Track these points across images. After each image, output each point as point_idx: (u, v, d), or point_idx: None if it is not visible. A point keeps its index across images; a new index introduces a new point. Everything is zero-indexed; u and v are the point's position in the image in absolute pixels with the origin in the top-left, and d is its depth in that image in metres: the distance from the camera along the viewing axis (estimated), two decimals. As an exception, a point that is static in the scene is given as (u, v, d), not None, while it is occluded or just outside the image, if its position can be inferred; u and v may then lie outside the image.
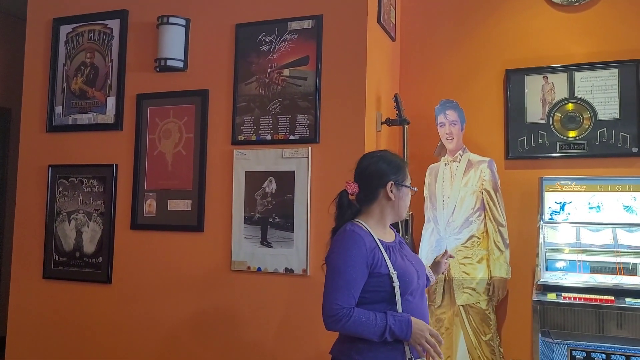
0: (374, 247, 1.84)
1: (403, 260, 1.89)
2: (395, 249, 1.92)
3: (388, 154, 1.99)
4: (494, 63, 3.22)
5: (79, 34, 3.37)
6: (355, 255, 1.81)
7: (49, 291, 3.29)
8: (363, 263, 1.81)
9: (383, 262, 1.83)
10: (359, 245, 1.83)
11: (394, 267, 1.83)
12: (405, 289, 1.84)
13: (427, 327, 1.83)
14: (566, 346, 2.48)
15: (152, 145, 3.14)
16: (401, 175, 1.94)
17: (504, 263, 2.87)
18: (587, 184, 2.82)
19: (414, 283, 1.87)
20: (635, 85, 2.94)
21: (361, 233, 1.86)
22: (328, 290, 1.81)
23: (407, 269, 1.87)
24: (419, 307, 1.90)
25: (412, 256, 1.99)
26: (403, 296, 1.84)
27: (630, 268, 2.52)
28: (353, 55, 2.81)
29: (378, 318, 1.78)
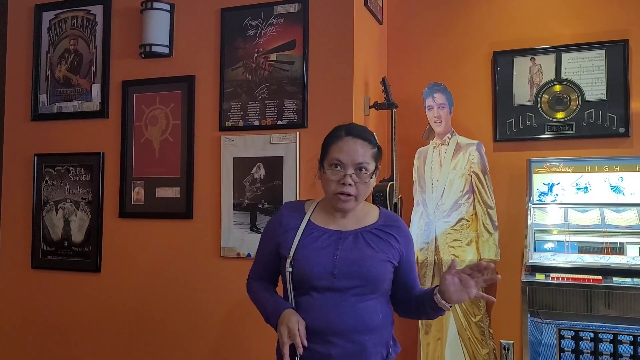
0: (292, 227, 1.73)
1: (318, 250, 1.68)
2: (332, 238, 1.70)
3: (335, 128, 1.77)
4: (482, 45, 3.21)
5: (61, 20, 3.32)
6: (269, 230, 1.79)
7: (38, 281, 3.27)
8: (272, 239, 1.75)
9: (289, 244, 1.70)
10: (275, 220, 1.78)
11: (295, 252, 1.68)
12: (303, 281, 1.66)
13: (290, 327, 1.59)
14: (555, 326, 2.51)
15: (138, 133, 3.11)
16: (323, 154, 1.75)
17: (493, 245, 2.88)
18: (575, 165, 2.83)
19: (321, 279, 1.64)
20: (622, 66, 2.94)
21: (288, 209, 1.79)
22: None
23: (313, 259, 1.66)
24: (326, 310, 1.64)
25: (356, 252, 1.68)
26: (300, 289, 1.68)
27: (618, 248, 2.54)
28: (340, 39, 2.79)
29: (266, 301, 1.73)
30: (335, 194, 1.68)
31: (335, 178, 1.68)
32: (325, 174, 1.71)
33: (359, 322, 1.65)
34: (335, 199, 1.70)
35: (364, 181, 1.69)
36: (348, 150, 1.68)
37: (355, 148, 1.68)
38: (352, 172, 1.67)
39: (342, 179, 1.67)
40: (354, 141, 1.69)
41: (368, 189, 1.72)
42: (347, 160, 1.67)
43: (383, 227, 1.75)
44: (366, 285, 1.66)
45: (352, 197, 1.68)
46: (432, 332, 2.94)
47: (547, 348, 2.52)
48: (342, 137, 1.71)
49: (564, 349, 2.49)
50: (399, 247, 1.75)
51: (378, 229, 1.74)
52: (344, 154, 1.68)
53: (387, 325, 1.74)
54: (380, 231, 1.74)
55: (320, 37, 2.82)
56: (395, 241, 1.74)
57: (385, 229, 1.75)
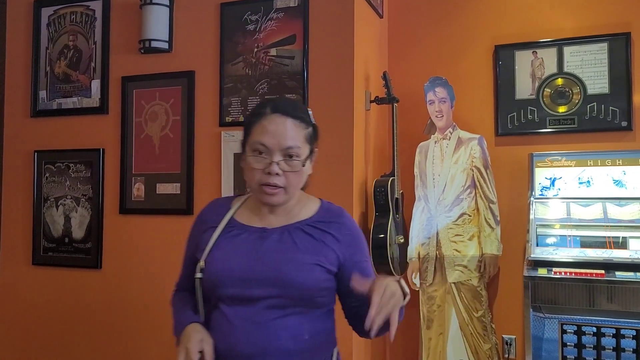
0: (212, 225, 1.46)
1: (232, 252, 1.40)
2: (254, 236, 1.42)
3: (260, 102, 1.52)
4: (483, 39, 3.19)
5: (60, 16, 3.30)
6: (191, 230, 1.55)
7: (39, 277, 3.27)
8: (193, 241, 1.51)
9: (204, 245, 1.44)
10: (197, 218, 1.54)
11: (208, 255, 1.41)
12: (212, 290, 1.39)
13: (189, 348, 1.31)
14: (557, 320, 2.50)
15: (138, 129, 3.10)
16: (244, 135, 1.45)
17: (494, 240, 2.87)
18: (577, 159, 2.81)
19: (232, 287, 1.36)
20: (624, 59, 2.92)
21: (213, 205, 1.53)
22: None
23: (224, 262, 1.38)
24: (232, 327, 1.34)
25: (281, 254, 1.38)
26: (209, 300, 1.42)
27: (620, 242, 2.53)
28: (340, 33, 2.78)
29: (179, 314, 1.47)
30: (260, 186, 1.38)
31: (258, 166, 1.37)
32: (247, 161, 1.40)
33: (272, 343, 1.32)
34: (260, 192, 1.39)
35: (295, 169, 1.38)
36: (274, 132, 1.37)
37: (283, 128, 1.37)
38: (279, 159, 1.36)
39: (268, 167, 1.36)
40: (282, 120, 1.38)
41: (301, 179, 1.43)
42: (274, 144, 1.36)
43: (319, 223, 1.44)
44: (285, 296, 1.35)
45: (280, 189, 1.38)
46: (434, 327, 2.94)
47: (550, 343, 2.51)
48: (267, 114, 1.39)
49: (567, 343, 2.49)
50: (339, 248, 1.42)
51: (312, 226, 1.43)
52: (269, 136, 1.36)
53: (320, 348, 1.41)
54: (313, 228, 1.43)
55: (320, 31, 2.80)
56: (332, 241, 1.42)
57: (322, 226, 1.44)
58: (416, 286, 3.00)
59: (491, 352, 2.85)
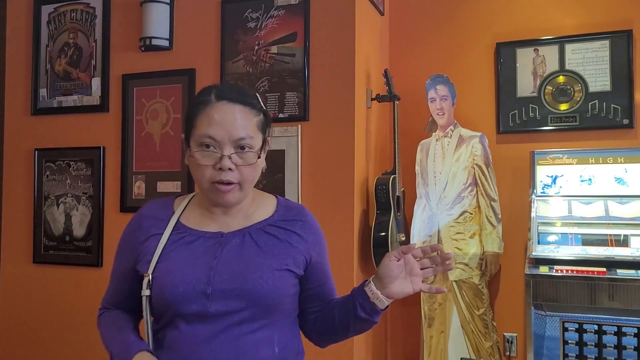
0: (156, 231, 1.29)
1: (187, 262, 1.24)
2: (208, 243, 1.26)
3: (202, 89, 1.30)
4: (484, 36, 3.18)
5: (60, 14, 3.29)
6: (125, 238, 1.36)
7: (40, 276, 3.26)
8: (128, 251, 1.33)
9: (149, 256, 1.26)
10: (133, 224, 1.34)
11: (157, 268, 1.24)
12: (165, 307, 1.23)
13: None
14: (559, 318, 2.50)
15: (139, 127, 3.10)
16: (187, 123, 1.28)
17: (496, 238, 2.87)
18: (579, 156, 2.81)
19: (190, 303, 1.20)
20: (626, 57, 2.91)
21: (151, 208, 1.34)
22: None
23: (179, 274, 1.22)
24: (195, 348, 1.19)
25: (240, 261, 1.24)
26: (161, 319, 1.25)
27: (622, 239, 2.53)
28: (341, 30, 2.77)
29: (112, 339, 1.28)
30: (212, 184, 1.23)
31: (207, 162, 1.22)
32: (193, 158, 1.24)
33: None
34: (212, 191, 1.25)
35: (249, 162, 1.24)
36: (222, 122, 1.22)
37: (232, 117, 1.23)
38: (231, 152, 1.22)
39: (218, 162, 1.22)
40: (229, 108, 1.24)
41: (257, 172, 1.28)
42: (222, 135, 1.22)
43: (281, 222, 1.31)
44: (253, 308, 1.22)
45: (234, 186, 1.24)
46: (435, 325, 2.94)
47: (551, 340, 2.51)
48: (212, 102, 1.24)
49: (568, 341, 2.49)
50: (305, 248, 1.31)
51: (274, 226, 1.30)
52: (217, 127, 1.22)
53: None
54: (276, 228, 1.30)
55: (321, 29, 2.79)
56: (298, 240, 1.30)
57: (285, 225, 1.31)
58: (417, 284, 2.99)
59: (492, 350, 2.85)
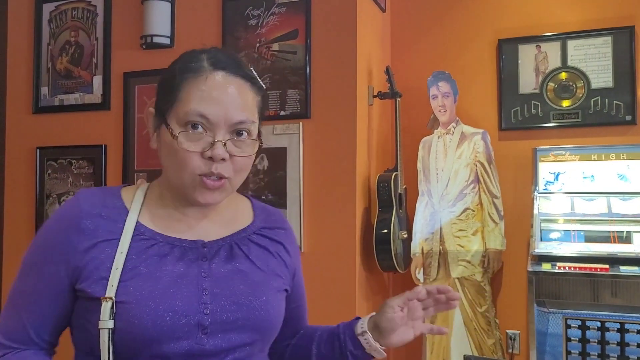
0: (106, 236, 0.94)
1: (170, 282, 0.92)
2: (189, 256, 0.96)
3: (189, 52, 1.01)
4: (486, 33, 3.17)
5: (62, 12, 3.29)
6: (48, 246, 0.96)
7: (42, 274, 3.26)
8: (61, 262, 0.94)
9: (104, 271, 0.91)
10: (63, 225, 0.96)
11: (122, 289, 0.89)
12: (139, 346, 0.88)
13: None
14: (561, 315, 2.49)
15: (140, 125, 3.09)
16: (164, 95, 0.99)
17: (498, 235, 2.86)
18: (581, 153, 2.80)
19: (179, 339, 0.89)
20: (628, 53, 2.90)
21: (92, 201, 0.97)
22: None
23: (160, 299, 0.90)
24: None
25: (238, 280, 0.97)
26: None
27: (625, 236, 2.52)
28: (343, 27, 2.76)
29: None
30: (198, 176, 0.94)
31: (195, 148, 0.93)
32: (173, 140, 0.94)
33: None
34: (194, 186, 0.95)
35: (248, 153, 0.98)
36: (219, 98, 0.94)
37: (233, 94, 0.95)
38: (226, 138, 0.95)
39: (209, 149, 0.93)
40: (228, 81, 0.96)
41: (250, 167, 1.03)
42: (219, 116, 0.93)
43: (265, 230, 1.08)
44: (257, 342, 0.98)
45: (224, 182, 0.97)
46: (438, 322, 2.93)
47: (554, 337, 2.51)
48: (206, 71, 0.95)
49: (571, 338, 2.48)
50: (290, 262, 1.09)
51: (259, 234, 1.06)
52: (213, 105, 0.93)
53: None
54: (263, 238, 1.06)
55: (322, 26, 2.79)
56: (285, 253, 1.08)
57: (270, 234, 1.08)
58: (420, 281, 2.99)
59: (495, 347, 2.85)
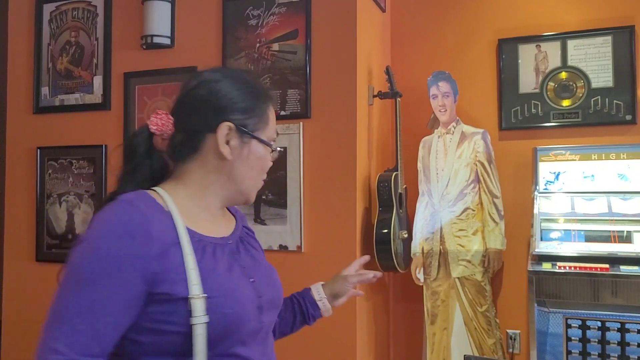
0: (170, 241, 1.00)
1: (232, 274, 1.06)
2: (227, 252, 1.09)
3: (242, 73, 1.17)
4: (486, 33, 3.17)
5: (62, 12, 3.29)
6: (122, 256, 0.97)
7: (43, 274, 3.26)
8: (133, 270, 0.96)
9: (181, 273, 0.98)
10: (134, 233, 0.98)
11: (204, 286, 0.98)
12: (230, 334, 1.00)
13: None
14: (562, 315, 2.49)
15: (141, 125, 3.09)
16: (255, 118, 1.11)
17: (499, 234, 2.86)
18: (582, 153, 2.80)
19: (252, 321, 1.04)
20: (629, 52, 2.90)
21: (146, 209, 1.02)
22: (47, 320, 0.99)
23: (238, 291, 1.04)
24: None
25: (261, 267, 1.18)
26: (218, 346, 0.99)
27: (625, 236, 2.52)
28: (343, 27, 2.76)
29: None
30: (260, 182, 1.17)
31: (271, 161, 1.17)
32: (267, 153, 1.14)
33: None
34: (255, 189, 1.16)
35: None
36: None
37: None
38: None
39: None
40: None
41: None
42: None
43: (246, 228, 1.26)
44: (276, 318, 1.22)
45: None
46: (438, 322, 2.93)
47: (554, 337, 2.51)
48: (273, 100, 1.20)
49: (571, 338, 2.48)
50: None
51: (245, 229, 1.25)
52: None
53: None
54: (247, 229, 1.26)
55: (322, 26, 2.79)
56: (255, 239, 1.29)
57: (250, 232, 1.27)
58: (420, 281, 2.99)
59: (495, 346, 2.85)
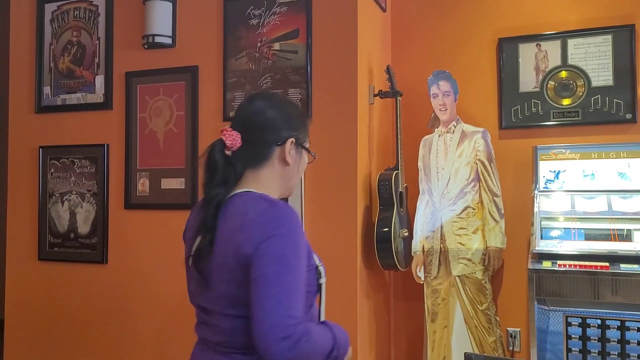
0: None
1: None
2: None
3: (288, 99, 1.58)
4: (487, 32, 3.18)
5: (64, 12, 3.30)
6: (302, 244, 1.30)
7: (45, 273, 3.28)
8: (306, 253, 1.32)
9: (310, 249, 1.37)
10: (299, 223, 1.33)
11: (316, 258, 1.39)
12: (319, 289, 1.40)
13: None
14: (562, 313, 2.51)
15: (142, 124, 3.11)
16: (303, 133, 1.48)
17: (499, 233, 2.87)
18: (582, 151, 2.81)
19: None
20: (629, 51, 2.91)
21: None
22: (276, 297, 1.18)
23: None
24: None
25: None
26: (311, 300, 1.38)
27: (625, 234, 2.53)
28: (344, 27, 2.77)
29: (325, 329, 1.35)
30: (299, 180, 1.54)
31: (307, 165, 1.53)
32: (301, 155, 1.47)
33: None
34: (296, 186, 1.51)
35: None
36: None
37: None
38: None
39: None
40: None
41: None
42: None
43: None
44: None
45: None
46: (439, 320, 2.95)
47: (554, 335, 2.52)
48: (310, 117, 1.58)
49: (571, 336, 2.49)
50: None
51: None
52: None
53: None
54: None
55: (323, 25, 2.80)
56: None
57: None
58: (421, 279, 3.00)
59: (496, 344, 2.86)
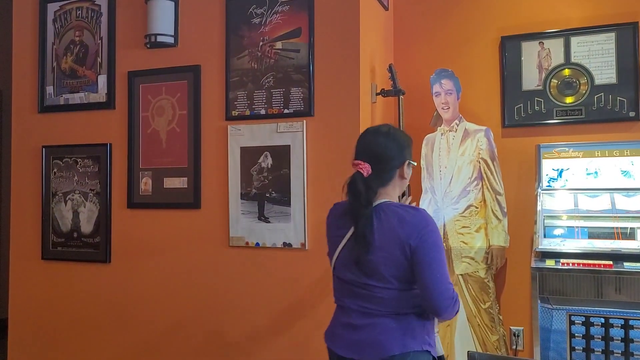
0: None
1: None
2: None
3: (396, 129, 1.91)
4: (489, 30, 3.17)
5: (66, 11, 3.31)
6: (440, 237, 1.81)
7: (48, 272, 3.29)
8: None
9: None
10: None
11: None
12: None
13: None
14: (565, 312, 2.50)
15: (145, 123, 3.11)
16: (411, 153, 1.87)
17: (502, 231, 2.87)
18: (585, 149, 2.80)
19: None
20: (632, 49, 2.90)
21: None
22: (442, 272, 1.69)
23: None
24: None
25: None
26: None
27: (628, 232, 2.52)
28: (346, 25, 2.77)
29: None
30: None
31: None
32: (411, 169, 1.84)
33: None
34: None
35: None
36: None
37: None
38: None
39: None
40: None
41: None
42: None
43: None
44: None
45: None
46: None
47: (558, 334, 2.51)
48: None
49: (575, 334, 2.49)
50: None
51: None
52: None
53: None
54: None
55: (325, 24, 2.80)
56: None
57: None
58: (423, 278, 3.00)
59: (499, 343, 2.86)
